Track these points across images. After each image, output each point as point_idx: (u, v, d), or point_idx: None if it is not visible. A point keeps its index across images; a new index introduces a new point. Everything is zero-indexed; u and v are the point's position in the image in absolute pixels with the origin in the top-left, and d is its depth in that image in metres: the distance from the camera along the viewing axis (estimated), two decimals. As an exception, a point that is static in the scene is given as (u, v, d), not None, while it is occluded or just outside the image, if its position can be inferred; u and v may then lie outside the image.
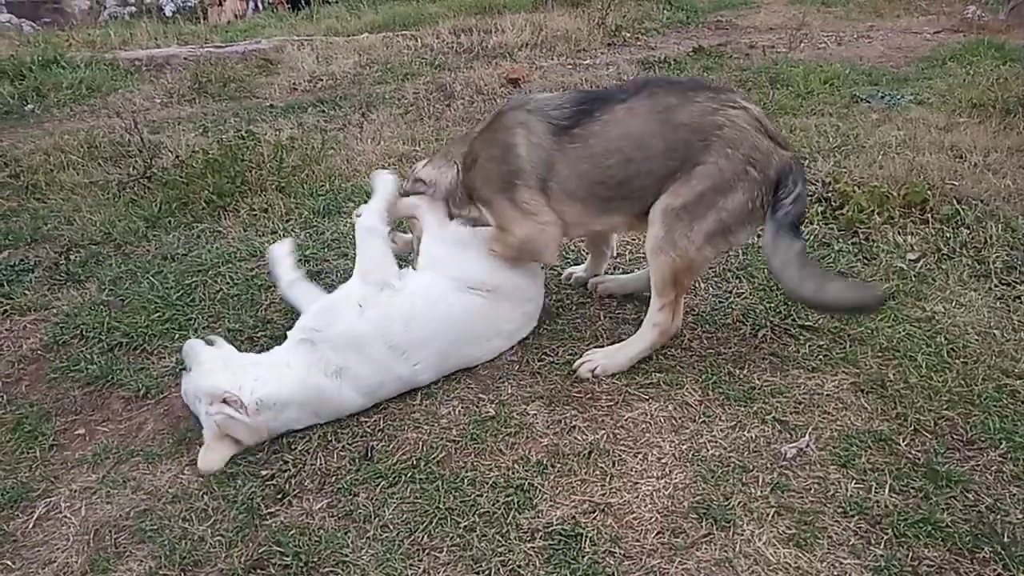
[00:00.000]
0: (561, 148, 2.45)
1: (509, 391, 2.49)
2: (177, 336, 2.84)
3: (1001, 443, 2.16)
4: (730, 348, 2.65)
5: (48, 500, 2.17)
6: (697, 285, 3.02)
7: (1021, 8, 7.57)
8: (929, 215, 3.35)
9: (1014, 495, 2.01)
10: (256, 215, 3.76)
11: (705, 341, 2.70)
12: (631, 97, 2.46)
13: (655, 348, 2.57)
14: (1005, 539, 1.88)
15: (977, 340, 2.61)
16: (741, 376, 2.50)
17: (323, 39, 8.00)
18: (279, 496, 2.13)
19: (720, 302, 2.91)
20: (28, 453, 2.35)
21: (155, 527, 2.05)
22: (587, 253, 3.13)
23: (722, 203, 2.35)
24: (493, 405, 2.42)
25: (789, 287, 2.45)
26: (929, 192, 3.43)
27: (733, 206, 2.35)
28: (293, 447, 2.29)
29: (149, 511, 2.11)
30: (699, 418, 2.33)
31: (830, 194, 3.56)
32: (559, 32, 7.51)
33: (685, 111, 2.38)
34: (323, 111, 5.58)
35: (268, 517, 2.06)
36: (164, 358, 2.74)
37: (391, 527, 2.00)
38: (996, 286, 2.91)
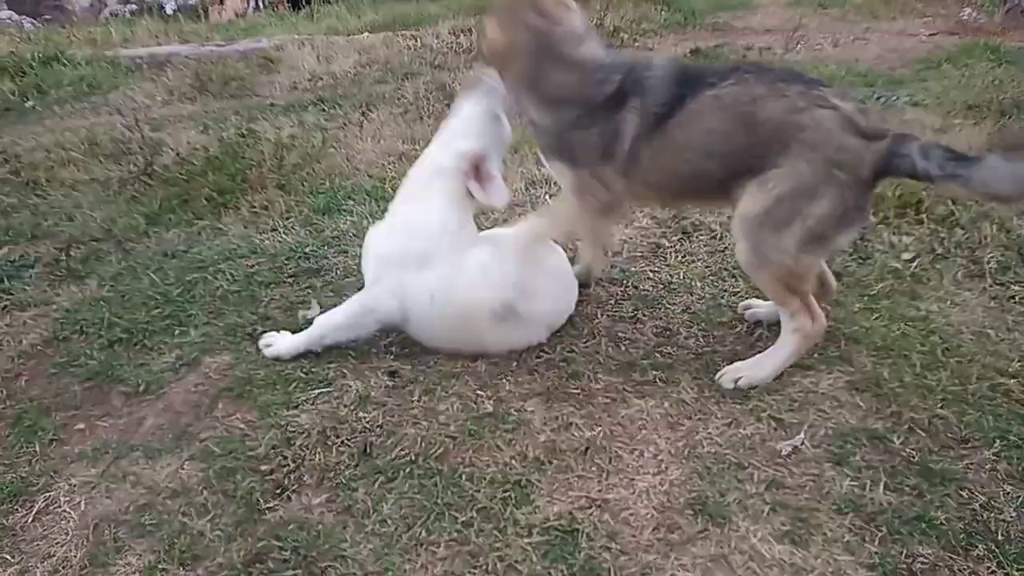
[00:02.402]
0: (650, 137, 2.32)
1: (507, 388, 2.50)
2: (177, 332, 2.85)
3: (995, 442, 2.18)
4: (726, 346, 2.67)
5: (47, 494, 2.18)
6: (693, 284, 3.04)
7: (1016, 11, 7.61)
8: (924, 215, 3.37)
9: (1007, 493, 2.03)
10: (256, 212, 3.77)
11: (701, 339, 2.71)
12: (720, 82, 2.28)
13: (801, 354, 2.46)
14: (999, 537, 1.90)
15: (971, 339, 2.63)
16: (737, 374, 2.52)
17: (324, 38, 8.01)
18: (278, 491, 2.14)
19: (716, 300, 2.92)
20: (27, 448, 2.36)
21: (154, 521, 2.06)
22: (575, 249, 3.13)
23: (807, 209, 2.19)
24: (491, 401, 2.44)
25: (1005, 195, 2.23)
26: (924, 192, 3.45)
27: (821, 212, 2.19)
28: (292, 443, 2.30)
29: (148, 505, 2.12)
30: (695, 415, 2.35)
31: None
32: (558, 32, 7.52)
33: (770, 106, 2.22)
34: (323, 110, 5.59)
35: (267, 512, 2.08)
36: (164, 354, 2.75)
37: (389, 522, 2.02)
38: (990, 286, 2.93)
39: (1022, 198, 2.36)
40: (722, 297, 2.95)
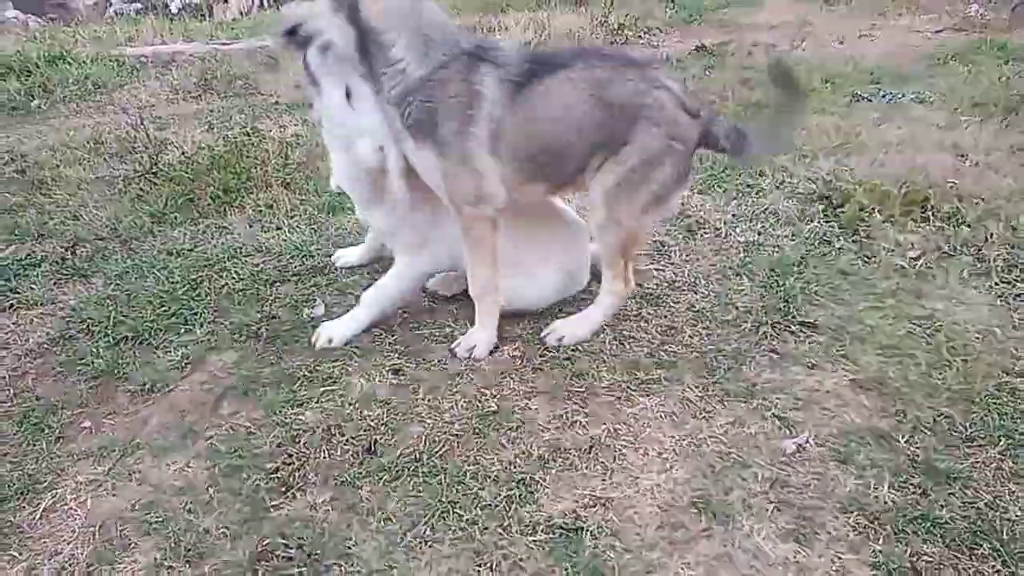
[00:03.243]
0: (512, 106, 2.43)
1: (511, 386, 2.51)
2: (182, 331, 2.86)
3: (1000, 440, 2.18)
4: (730, 345, 2.66)
5: (54, 492, 2.19)
6: (698, 282, 3.04)
7: (1022, 8, 7.56)
8: (930, 213, 3.36)
9: (1012, 492, 2.02)
10: (261, 211, 3.78)
11: (705, 338, 2.71)
12: (570, 64, 2.49)
13: (612, 314, 2.77)
14: (1004, 536, 1.90)
15: (977, 338, 2.62)
16: (741, 373, 2.52)
17: (327, 36, 8.01)
18: (283, 489, 2.15)
19: (720, 299, 2.92)
20: (34, 446, 2.37)
21: (160, 519, 2.07)
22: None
23: (652, 175, 2.51)
24: (495, 400, 2.44)
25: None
26: (930, 191, 3.44)
27: (663, 178, 2.52)
28: (297, 440, 2.31)
29: (154, 503, 2.13)
30: (699, 414, 2.35)
31: (831, 192, 3.58)
32: (563, 30, 7.52)
33: (616, 89, 2.46)
34: (327, 108, 5.58)
35: (272, 510, 2.09)
36: (169, 352, 2.76)
37: (394, 520, 2.03)
38: (996, 284, 2.92)
39: (765, 157, 3.01)
40: (726, 295, 2.94)
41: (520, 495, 2.08)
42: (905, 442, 2.20)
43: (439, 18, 2.50)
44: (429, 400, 2.46)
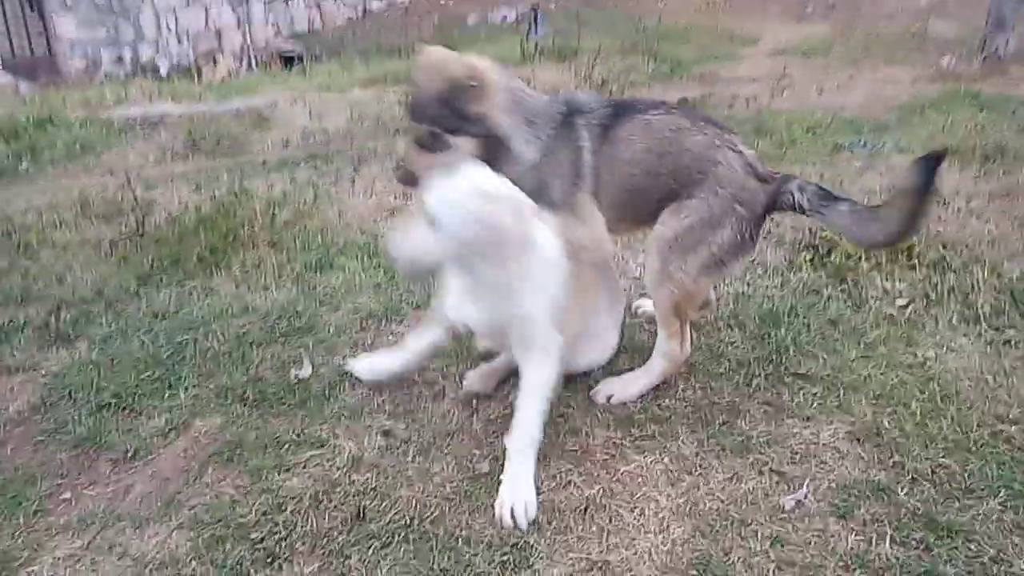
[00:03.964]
0: (600, 150, 2.50)
1: (503, 446, 2.45)
2: (166, 395, 2.81)
3: (1000, 491, 2.15)
4: (724, 398, 2.64)
5: (30, 569, 2.11)
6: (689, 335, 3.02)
7: (993, 58, 7.80)
8: (916, 261, 3.38)
9: (1016, 545, 1.98)
10: (248, 271, 3.76)
11: (699, 391, 2.68)
12: (648, 110, 2.55)
13: (666, 376, 2.66)
14: (1009, 591, 1.86)
15: (970, 386, 2.61)
16: (736, 426, 2.49)
17: (316, 95, 8.14)
18: (269, 560, 2.08)
19: (713, 352, 2.90)
20: (11, 520, 2.29)
21: (141, 595, 2.00)
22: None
23: (711, 237, 2.46)
24: (487, 460, 2.39)
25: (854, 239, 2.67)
26: (915, 238, 3.47)
27: (722, 241, 2.46)
28: (283, 508, 2.24)
29: (135, 578, 2.05)
30: (695, 470, 2.31)
31: (818, 241, 3.60)
32: (547, 84, 7.66)
33: (693, 138, 2.49)
34: (315, 166, 5.63)
35: (258, 582, 2.01)
36: (153, 418, 2.70)
37: (384, 590, 1.96)
38: (985, 331, 2.92)
39: (856, 239, 2.67)
40: (719, 348, 2.93)
41: (515, 560, 2.02)
42: (904, 494, 2.17)
43: (531, 95, 2.55)
44: (419, 463, 2.41)
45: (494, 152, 2.41)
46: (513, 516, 2.14)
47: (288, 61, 12.69)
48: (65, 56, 12.20)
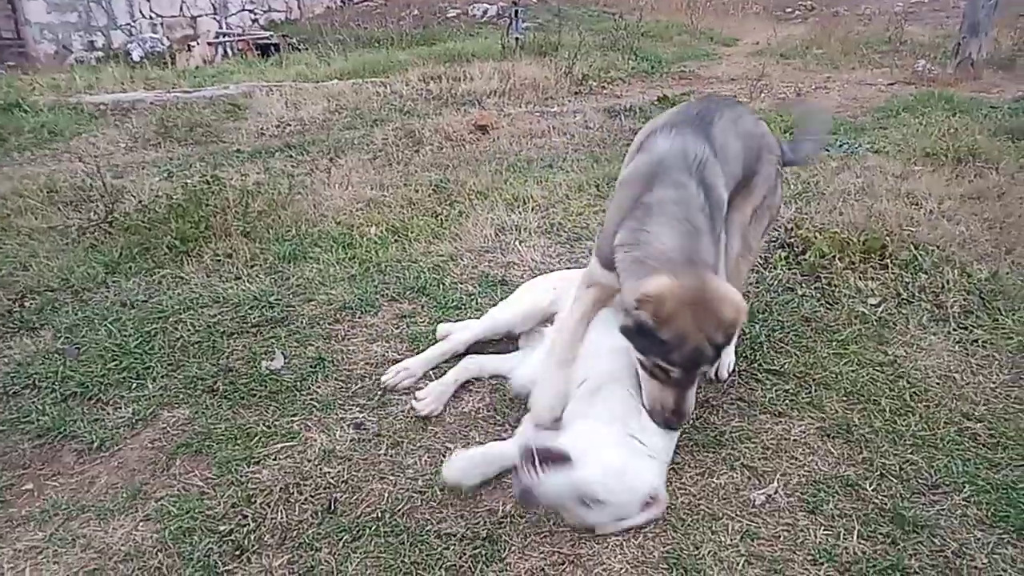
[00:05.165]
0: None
1: (477, 439, 2.45)
2: (134, 385, 2.75)
3: (964, 487, 2.18)
4: (699, 394, 2.63)
5: (-10, 561, 2.06)
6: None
7: (967, 63, 7.93)
8: (888, 260, 3.42)
9: (978, 539, 2.01)
10: (220, 260, 3.70)
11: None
12: (715, 114, 2.47)
13: None
14: (973, 585, 1.88)
15: (938, 384, 2.65)
16: (709, 422, 2.50)
17: (292, 85, 8.05)
18: (237, 553, 2.05)
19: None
20: (-29, 511, 2.24)
21: (104, 588, 1.96)
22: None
23: (773, 201, 2.68)
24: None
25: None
26: (888, 238, 3.51)
27: (777, 201, 2.73)
28: (253, 501, 2.21)
29: (99, 571, 2.01)
30: (668, 465, 2.31)
31: (793, 240, 3.63)
32: (527, 80, 7.65)
33: (744, 123, 2.58)
34: (291, 156, 5.57)
35: (226, 575, 1.98)
36: (120, 408, 2.65)
37: (354, 584, 1.94)
38: (954, 330, 2.96)
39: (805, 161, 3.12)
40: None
41: (487, 554, 2.01)
42: (872, 490, 2.19)
43: None
44: (391, 456, 2.39)
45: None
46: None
47: (264, 50, 12.51)
48: (34, 40, 11.92)
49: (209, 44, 12.90)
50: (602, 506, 2.01)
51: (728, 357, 2.72)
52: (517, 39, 9.59)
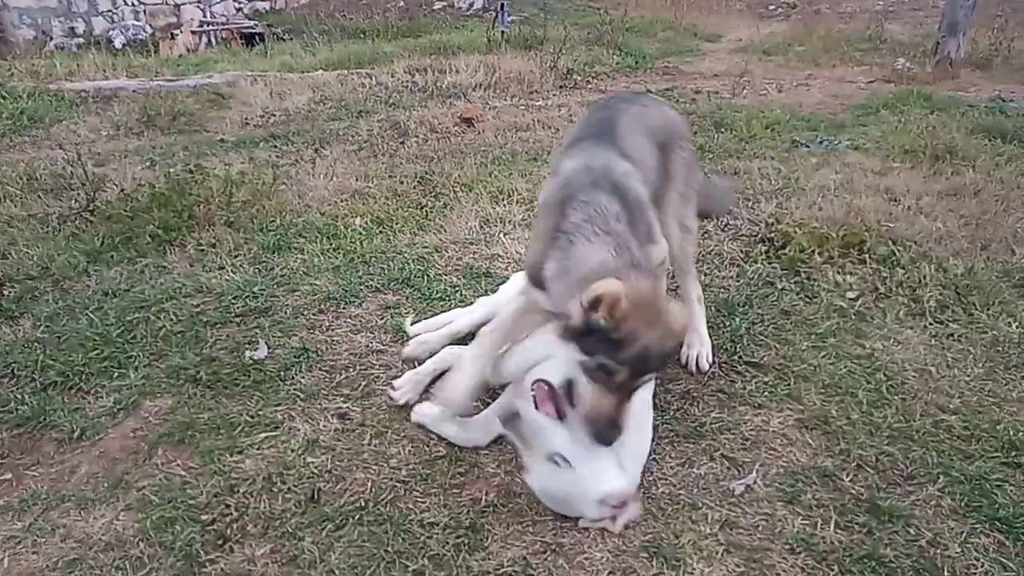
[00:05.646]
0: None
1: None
2: (115, 375, 2.74)
3: (939, 478, 2.22)
4: (679, 385, 2.68)
5: (-31, 550, 2.04)
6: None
7: (945, 62, 8.03)
8: (866, 255, 3.47)
9: (952, 529, 2.06)
10: (203, 250, 3.68)
11: (655, 378, 2.71)
12: (617, 118, 2.51)
13: None
14: (945, 573, 1.93)
15: (914, 377, 2.69)
16: (690, 413, 2.53)
17: (277, 75, 7.98)
18: (220, 542, 2.05)
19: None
20: (-51, 500, 2.22)
21: (85, 577, 1.95)
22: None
23: (692, 181, 2.72)
24: (443, 444, 2.39)
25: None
26: (866, 233, 3.56)
27: (698, 177, 2.80)
28: (235, 490, 2.21)
29: (79, 560, 2.00)
30: (649, 455, 2.34)
31: (773, 234, 3.67)
32: (512, 73, 7.65)
33: (649, 116, 2.62)
34: (275, 146, 5.54)
35: (208, 564, 1.98)
36: (101, 398, 2.63)
37: (337, 572, 1.95)
38: (931, 324, 3.02)
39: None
40: (674, 336, 2.96)
41: (469, 543, 2.03)
42: (849, 481, 2.23)
43: None
44: (375, 445, 2.40)
45: None
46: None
47: (249, 39, 12.39)
48: (13, 25, 11.72)
49: (193, 33, 12.76)
50: (563, 472, 2.03)
51: (705, 347, 2.77)
52: (503, 32, 9.58)
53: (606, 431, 1.98)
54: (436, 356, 2.73)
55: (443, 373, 2.69)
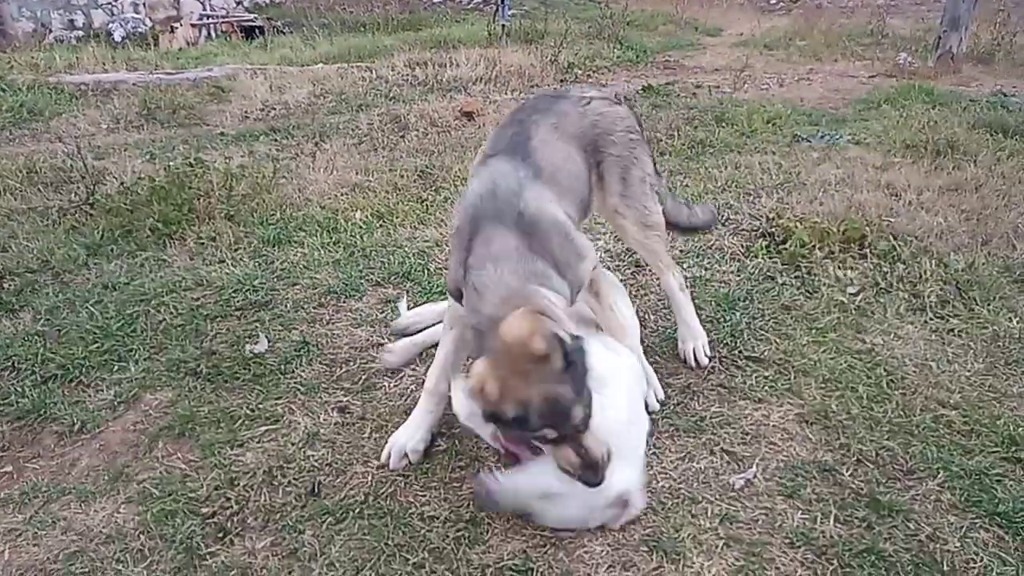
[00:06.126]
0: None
1: (459, 424, 2.45)
2: (116, 368, 2.74)
3: (939, 472, 2.22)
4: (679, 380, 2.68)
5: (-31, 543, 2.05)
6: (646, 317, 3.06)
7: (947, 56, 8.01)
8: (867, 250, 3.46)
9: (951, 523, 2.06)
10: (203, 244, 3.68)
11: (656, 373, 2.71)
12: (531, 128, 2.37)
13: None
14: (945, 568, 1.93)
15: (915, 372, 2.69)
16: (690, 407, 2.53)
17: (277, 68, 7.97)
18: (220, 535, 2.05)
19: (670, 335, 2.94)
20: (-50, 493, 2.22)
21: (86, 570, 1.95)
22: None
23: (640, 175, 2.58)
24: (444, 438, 2.39)
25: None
26: (867, 228, 3.55)
27: (648, 168, 2.62)
28: (236, 483, 2.21)
29: (80, 552, 2.01)
30: (649, 449, 2.34)
31: (774, 229, 3.67)
32: (512, 67, 7.63)
33: (568, 122, 2.46)
34: (275, 140, 5.53)
35: (208, 557, 1.99)
36: (101, 391, 2.64)
37: (338, 565, 1.95)
38: (931, 319, 3.02)
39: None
40: (674, 330, 2.96)
41: (469, 536, 2.03)
42: (849, 475, 2.23)
43: None
44: (376, 439, 2.40)
45: None
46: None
47: (249, 33, 12.35)
48: (12, 18, 11.68)
49: (193, 26, 12.71)
50: (562, 498, 2.00)
51: (700, 340, 2.76)
52: (503, 26, 9.55)
53: (587, 475, 1.89)
54: (431, 329, 2.77)
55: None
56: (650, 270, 3.42)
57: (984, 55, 8.54)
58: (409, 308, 3.00)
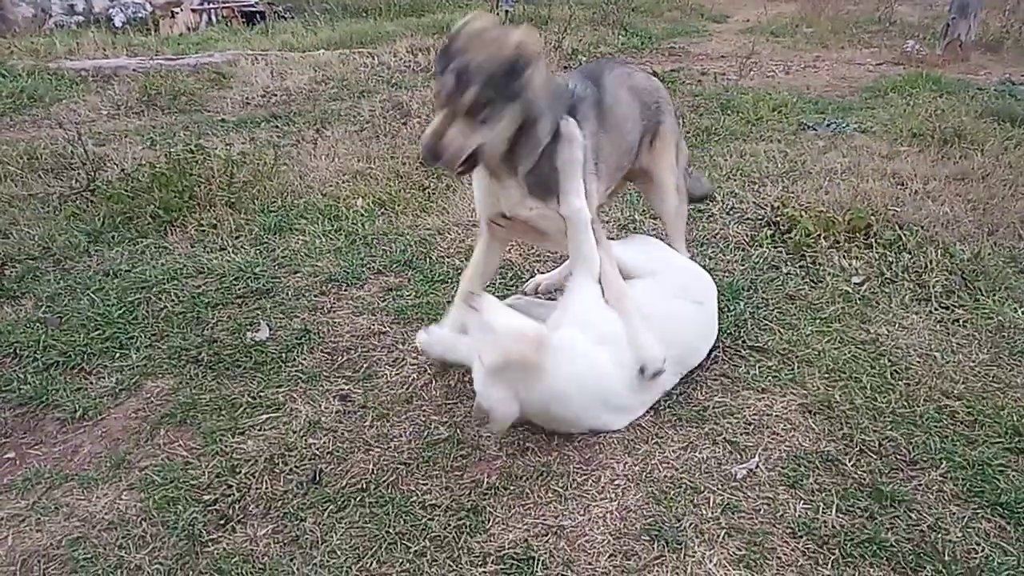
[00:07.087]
0: (602, 125, 2.50)
1: (462, 412, 2.46)
2: (117, 355, 2.74)
3: (942, 463, 2.22)
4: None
5: (-28, 529, 2.05)
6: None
7: (955, 44, 7.94)
8: (873, 240, 3.44)
9: (953, 514, 2.05)
10: (204, 231, 3.67)
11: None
12: (603, 72, 2.63)
13: None
14: (946, 557, 1.92)
15: (919, 362, 2.68)
16: (693, 397, 2.52)
17: (278, 54, 7.92)
18: (222, 522, 2.05)
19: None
20: (-48, 479, 2.23)
21: (89, 556, 1.96)
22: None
23: (682, 145, 2.93)
24: (445, 427, 2.39)
25: None
26: (872, 217, 3.53)
27: (684, 145, 2.96)
28: (237, 471, 2.21)
29: (83, 538, 2.01)
30: (651, 439, 2.34)
31: (779, 218, 3.65)
32: (516, 54, 7.56)
33: (635, 79, 2.76)
34: (276, 126, 5.50)
35: (210, 544, 1.99)
36: (103, 378, 2.63)
37: (339, 553, 1.95)
38: (936, 309, 3.00)
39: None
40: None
41: (470, 525, 2.03)
42: (852, 465, 2.22)
43: (554, 78, 2.48)
44: (377, 427, 2.39)
45: (519, 132, 2.25)
46: None
47: (250, 18, 12.27)
48: (12, 3, 11.62)
49: (193, 11, 12.62)
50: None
51: None
52: (506, 12, 9.48)
53: (428, 143, 2.08)
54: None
55: None
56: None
57: (993, 43, 8.45)
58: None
